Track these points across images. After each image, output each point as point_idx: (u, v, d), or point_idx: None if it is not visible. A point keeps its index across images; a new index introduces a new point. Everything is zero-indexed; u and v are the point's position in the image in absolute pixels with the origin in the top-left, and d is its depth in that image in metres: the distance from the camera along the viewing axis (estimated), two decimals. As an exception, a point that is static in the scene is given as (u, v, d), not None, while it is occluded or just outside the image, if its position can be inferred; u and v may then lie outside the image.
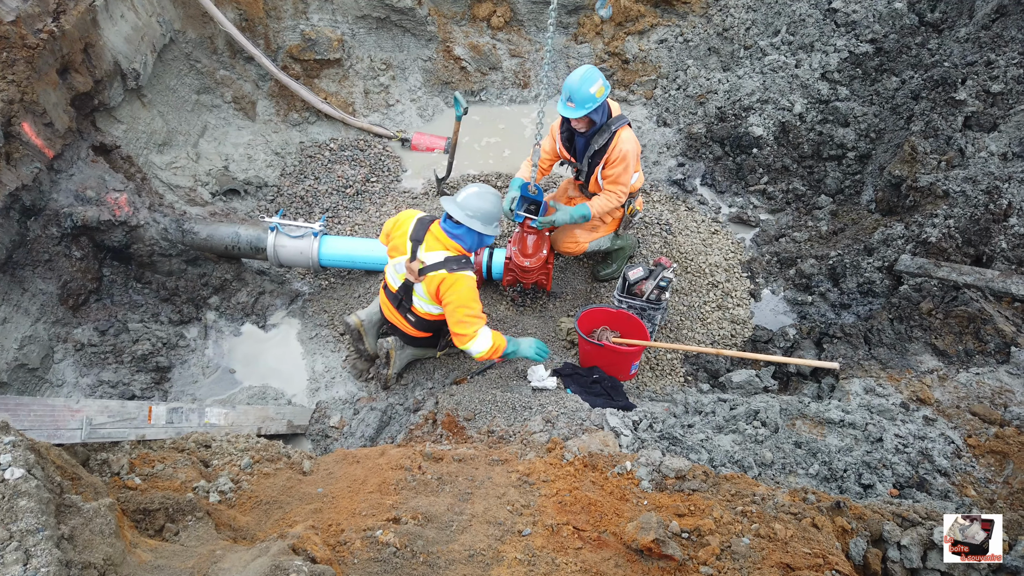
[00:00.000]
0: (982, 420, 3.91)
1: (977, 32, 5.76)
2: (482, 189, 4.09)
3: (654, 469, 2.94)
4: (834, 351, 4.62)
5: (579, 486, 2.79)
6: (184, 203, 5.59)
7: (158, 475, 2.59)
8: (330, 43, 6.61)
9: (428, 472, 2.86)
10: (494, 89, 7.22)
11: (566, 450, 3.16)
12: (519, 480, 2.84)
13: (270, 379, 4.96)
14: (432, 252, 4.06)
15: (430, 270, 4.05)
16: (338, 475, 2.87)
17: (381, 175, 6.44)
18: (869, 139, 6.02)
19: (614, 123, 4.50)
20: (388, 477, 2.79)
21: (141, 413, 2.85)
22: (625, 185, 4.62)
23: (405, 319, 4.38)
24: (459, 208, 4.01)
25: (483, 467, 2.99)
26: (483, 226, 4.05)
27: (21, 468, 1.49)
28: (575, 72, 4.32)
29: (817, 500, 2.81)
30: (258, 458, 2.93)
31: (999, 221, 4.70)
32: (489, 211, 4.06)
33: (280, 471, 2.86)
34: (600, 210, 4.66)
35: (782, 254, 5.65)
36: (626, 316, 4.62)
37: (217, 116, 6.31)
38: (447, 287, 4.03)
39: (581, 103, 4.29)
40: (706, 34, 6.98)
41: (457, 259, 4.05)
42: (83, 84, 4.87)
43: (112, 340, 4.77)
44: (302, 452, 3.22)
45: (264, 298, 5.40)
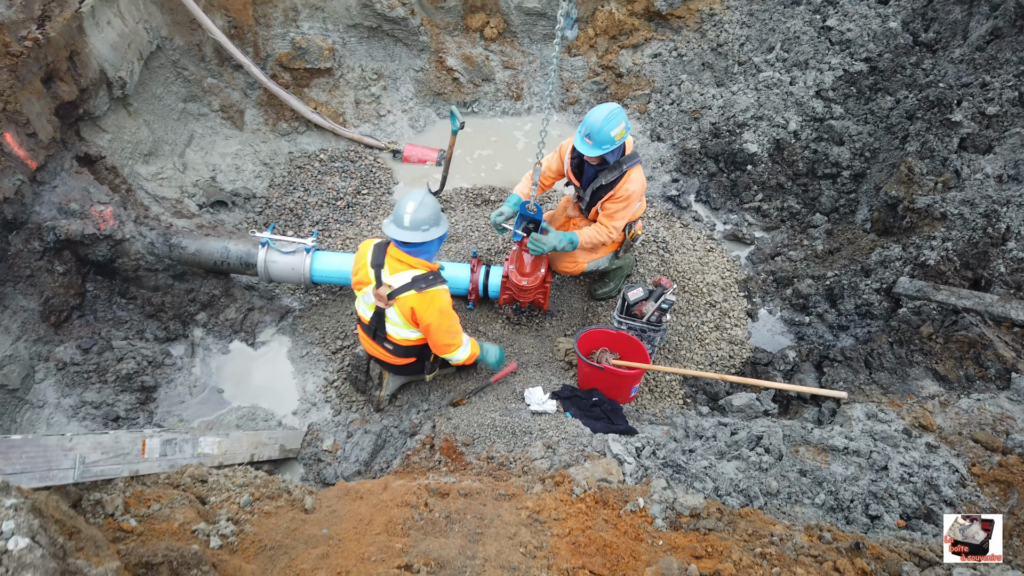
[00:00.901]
0: (984, 447, 3.89)
1: (972, 53, 5.78)
2: (416, 202, 3.85)
3: (668, 507, 2.87)
4: (835, 375, 4.58)
5: (592, 525, 2.71)
6: (170, 215, 5.44)
7: (154, 516, 2.46)
8: (321, 52, 6.48)
9: (435, 510, 2.76)
10: (487, 101, 7.13)
11: (575, 484, 3.08)
12: (529, 518, 2.75)
13: (260, 399, 4.82)
14: (397, 274, 3.93)
15: (399, 292, 3.91)
16: (342, 513, 2.76)
17: (372, 187, 6.32)
18: (864, 158, 6.02)
19: (626, 162, 4.44)
20: (394, 516, 2.69)
21: (135, 447, 2.72)
22: (620, 223, 4.58)
23: (384, 348, 4.25)
24: (411, 231, 3.82)
25: (491, 503, 2.90)
26: (439, 228, 3.92)
27: (26, 537, 1.38)
28: (600, 109, 4.19)
29: (834, 538, 2.76)
30: (258, 495, 2.82)
31: (997, 245, 4.70)
32: (434, 213, 3.90)
33: (282, 509, 2.75)
34: (588, 242, 4.61)
35: (778, 273, 5.63)
36: (626, 338, 4.55)
37: (204, 125, 6.16)
38: (423, 307, 3.91)
39: (599, 143, 4.21)
40: (700, 49, 6.95)
41: (425, 276, 3.92)
42: (68, 93, 4.72)
43: (95, 358, 4.61)
44: (303, 487, 3.10)
45: (253, 314, 5.26)
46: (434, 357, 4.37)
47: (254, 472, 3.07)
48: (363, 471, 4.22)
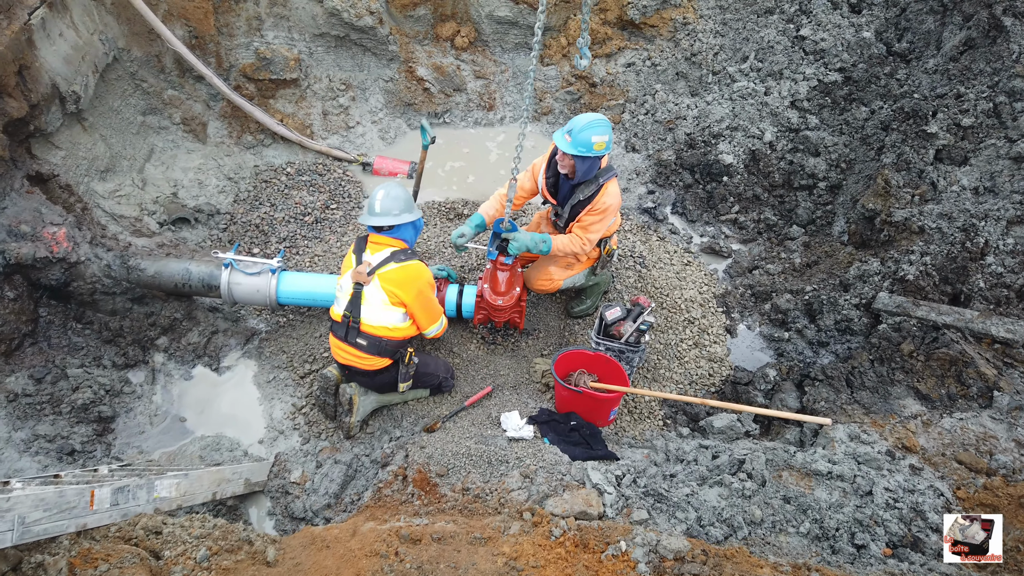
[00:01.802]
0: (969, 469, 3.83)
1: (946, 64, 5.76)
2: (385, 191, 4.11)
3: (651, 550, 2.74)
4: (816, 395, 4.50)
5: (572, 573, 2.57)
6: (129, 234, 5.20)
7: (102, 578, 2.28)
8: (286, 62, 6.29)
9: (406, 560, 2.61)
10: (458, 111, 6.98)
11: (553, 524, 2.94)
12: (506, 566, 2.61)
13: (224, 427, 4.61)
14: (377, 253, 4.12)
15: (379, 267, 4.06)
16: (307, 567, 2.59)
17: (341, 201, 6.13)
18: (840, 169, 5.98)
19: (602, 175, 4.34)
20: (363, 568, 2.53)
21: (82, 500, 2.53)
22: (595, 235, 4.49)
23: (356, 347, 4.14)
24: (382, 217, 4.07)
25: (465, 549, 2.75)
26: (411, 214, 4.15)
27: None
28: (589, 115, 4.19)
29: (822, 579, 2.65)
30: (216, 549, 2.63)
31: (976, 259, 4.66)
32: (404, 199, 4.14)
33: (242, 564, 2.57)
34: (562, 249, 4.50)
35: (756, 287, 5.55)
36: (604, 359, 4.43)
37: (165, 139, 5.93)
38: (405, 277, 4.05)
39: (576, 144, 4.13)
40: (674, 58, 6.86)
41: (404, 251, 4.13)
42: (17, 109, 4.49)
43: (49, 388, 4.38)
44: (265, 537, 2.92)
45: (217, 338, 5.05)
46: (409, 358, 4.26)
47: (212, 521, 2.88)
48: (333, 504, 4.05)
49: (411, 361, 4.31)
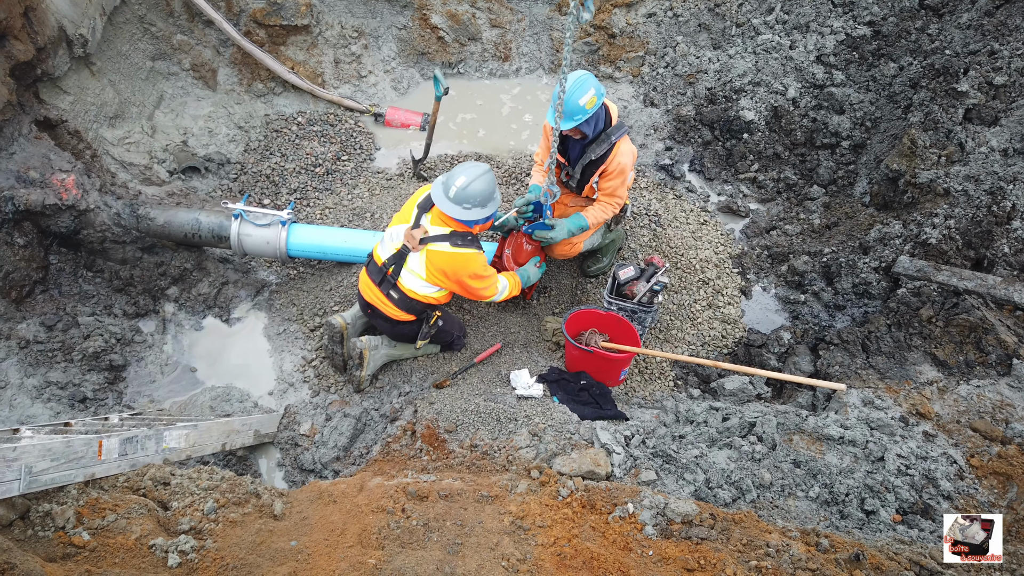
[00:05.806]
0: (983, 437, 3.78)
1: (980, 19, 5.52)
2: (467, 178, 3.78)
3: (658, 513, 2.72)
4: (831, 359, 4.44)
5: (578, 533, 2.56)
6: (139, 182, 5.16)
7: (110, 528, 2.29)
8: (297, 7, 6.12)
9: (413, 516, 2.61)
10: (473, 61, 6.81)
11: (561, 484, 2.92)
12: (512, 525, 2.60)
13: (235, 378, 4.62)
14: (437, 226, 3.91)
15: (432, 241, 3.86)
16: (313, 521, 2.60)
17: (353, 153, 6.04)
18: (864, 128, 5.80)
19: (613, 133, 4.20)
20: (369, 524, 2.53)
21: (90, 450, 2.53)
22: (622, 198, 4.40)
23: (387, 297, 4.07)
24: (453, 205, 3.80)
25: (472, 507, 2.74)
26: (484, 211, 3.88)
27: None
28: (567, 81, 3.88)
29: (831, 545, 2.63)
30: (224, 501, 2.64)
31: (1002, 224, 4.53)
32: (483, 194, 3.83)
33: (249, 516, 2.58)
34: (596, 221, 4.43)
35: (773, 248, 5.44)
36: (616, 319, 4.38)
37: (174, 85, 5.83)
38: (452, 264, 3.87)
39: (569, 115, 3.94)
40: (696, 9, 6.63)
41: (463, 235, 3.90)
42: (24, 52, 4.39)
43: (60, 336, 4.38)
44: (272, 489, 2.92)
45: (227, 289, 5.03)
46: (435, 320, 4.23)
47: (220, 473, 2.89)
48: (342, 457, 4.06)
49: (436, 323, 4.27)
